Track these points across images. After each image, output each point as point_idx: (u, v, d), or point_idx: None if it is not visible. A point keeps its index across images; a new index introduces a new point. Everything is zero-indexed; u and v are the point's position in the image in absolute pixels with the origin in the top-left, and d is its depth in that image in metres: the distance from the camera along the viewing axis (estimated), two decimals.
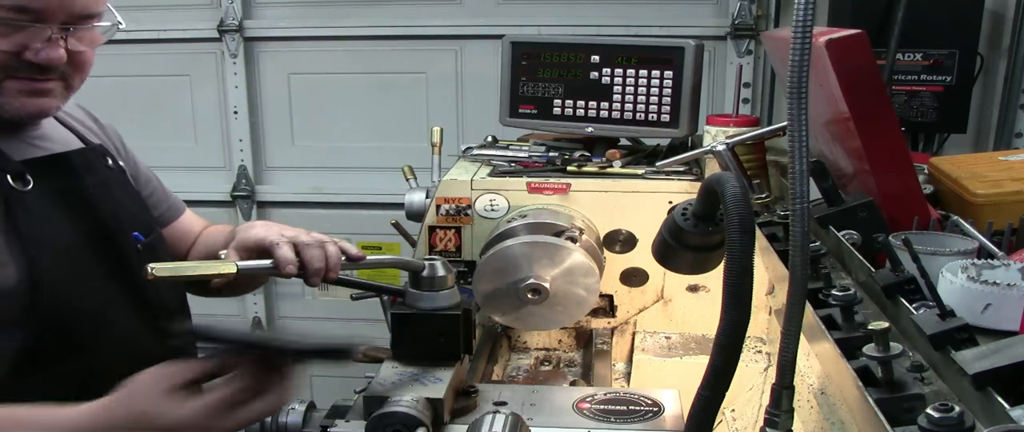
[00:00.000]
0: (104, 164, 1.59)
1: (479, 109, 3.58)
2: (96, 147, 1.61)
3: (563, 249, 1.88)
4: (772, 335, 2.04)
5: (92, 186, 1.51)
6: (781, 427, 1.10)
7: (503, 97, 2.47)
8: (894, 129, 1.60)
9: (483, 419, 1.28)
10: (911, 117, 2.92)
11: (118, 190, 1.59)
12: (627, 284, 2.24)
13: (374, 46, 3.68)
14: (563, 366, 2.20)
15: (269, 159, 3.91)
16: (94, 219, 1.47)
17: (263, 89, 3.81)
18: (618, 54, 2.35)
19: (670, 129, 2.35)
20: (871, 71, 1.57)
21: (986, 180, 1.69)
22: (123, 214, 1.55)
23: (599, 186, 2.19)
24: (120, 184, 1.62)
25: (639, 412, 1.47)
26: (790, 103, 0.98)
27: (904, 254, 1.20)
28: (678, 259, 1.46)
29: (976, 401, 0.92)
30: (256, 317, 4.07)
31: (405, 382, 1.44)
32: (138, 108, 3.84)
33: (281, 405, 1.34)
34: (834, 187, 1.60)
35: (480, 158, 2.41)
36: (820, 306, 1.26)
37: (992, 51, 3.21)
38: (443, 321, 1.51)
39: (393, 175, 2.79)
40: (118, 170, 1.63)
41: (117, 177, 1.62)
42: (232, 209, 3.94)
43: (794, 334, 1.04)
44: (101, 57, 1.59)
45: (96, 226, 1.47)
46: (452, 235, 2.24)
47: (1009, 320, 1.10)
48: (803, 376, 1.45)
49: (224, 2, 3.66)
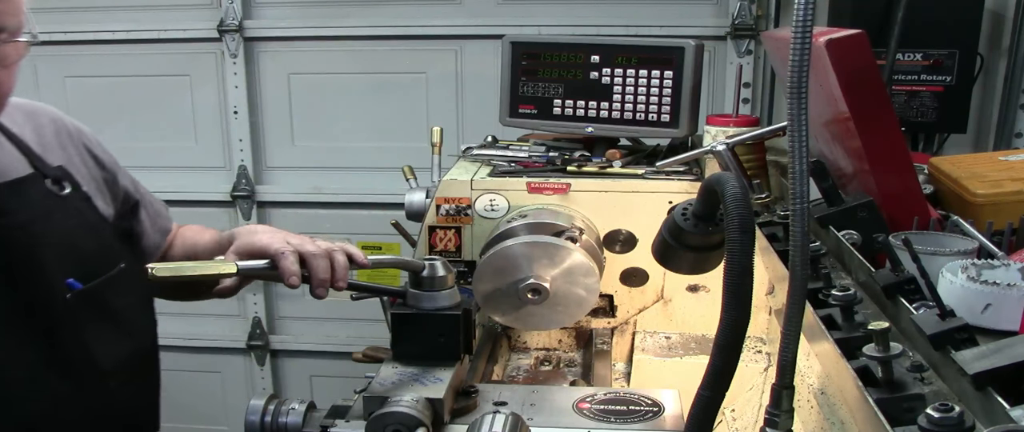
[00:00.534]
0: (51, 193, 1.42)
1: (479, 109, 3.58)
2: (52, 171, 1.45)
3: (563, 249, 1.88)
4: (772, 335, 2.04)
5: (14, 224, 1.34)
6: (781, 427, 1.10)
7: (503, 97, 2.47)
8: (894, 129, 1.60)
9: (483, 419, 1.28)
10: (911, 117, 2.92)
11: (66, 220, 1.42)
12: (627, 284, 2.24)
13: (374, 46, 3.68)
14: (563, 366, 2.20)
15: (269, 159, 3.91)
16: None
17: (263, 89, 3.80)
18: (618, 54, 2.35)
19: (670, 129, 2.35)
20: (871, 71, 1.57)
21: (986, 180, 1.69)
22: (56, 254, 1.38)
23: (599, 186, 2.19)
24: (73, 214, 1.45)
25: (639, 412, 1.47)
26: (790, 103, 0.98)
27: (904, 254, 1.20)
28: (678, 259, 1.46)
29: (976, 401, 0.92)
30: (256, 317, 4.07)
31: (405, 382, 1.44)
32: (138, 108, 3.85)
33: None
34: (834, 187, 1.60)
35: (480, 158, 2.41)
36: (820, 306, 1.26)
37: (992, 51, 3.21)
38: (443, 321, 1.51)
39: (393, 175, 2.79)
40: (76, 197, 1.47)
41: (69, 206, 1.45)
42: (232, 209, 3.94)
43: (794, 334, 1.04)
44: (101, 57, 1.59)
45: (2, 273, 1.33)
46: (452, 235, 2.24)
47: (1009, 320, 1.10)
48: (803, 376, 1.45)
49: (224, 2, 3.66)
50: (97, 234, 1.48)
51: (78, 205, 1.47)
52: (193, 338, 3.99)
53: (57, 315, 1.37)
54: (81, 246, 1.43)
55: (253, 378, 4.18)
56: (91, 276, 1.42)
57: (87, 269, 1.42)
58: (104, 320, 1.45)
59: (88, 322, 1.41)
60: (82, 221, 1.46)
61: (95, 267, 1.44)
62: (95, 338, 1.42)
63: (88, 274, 1.41)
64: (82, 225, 1.45)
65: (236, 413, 2.47)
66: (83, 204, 1.49)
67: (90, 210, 1.50)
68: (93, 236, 1.47)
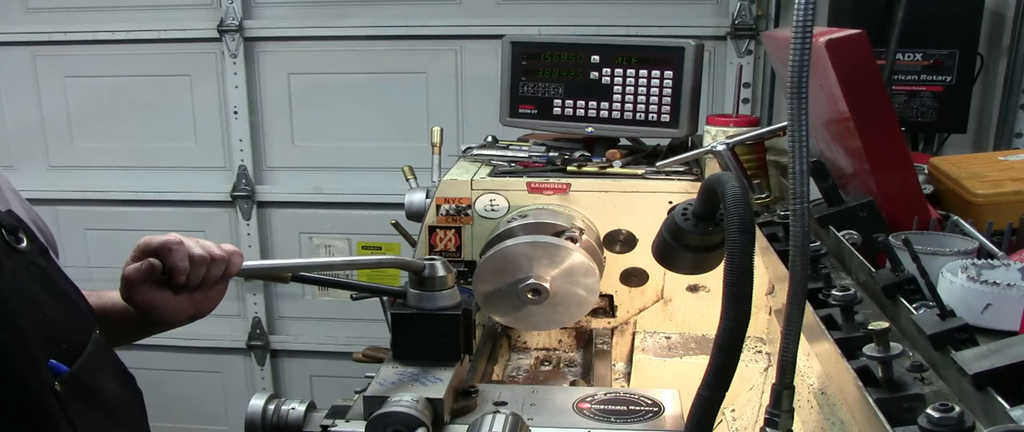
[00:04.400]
0: (9, 247, 1.11)
1: (479, 109, 3.58)
2: (4, 219, 1.13)
3: (563, 249, 1.88)
4: (772, 335, 2.04)
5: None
6: (781, 427, 1.10)
7: (503, 97, 2.47)
8: (894, 129, 1.60)
9: (483, 419, 1.28)
10: (911, 117, 2.92)
11: (33, 285, 1.12)
12: (627, 284, 2.24)
13: (374, 46, 3.68)
14: (563, 366, 2.20)
15: (269, 159, 3.91)
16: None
17: (263, 89, 3.81)
18: (618, 54, 2.35)
19: (670, 129, 2.35)
20: (871, 71, 1.57)
21: (986, 180, 1.69)
22: (33, 330, 1.08)
23: (599, 186, 2.19)
24: (38, 275, 1.14)
25: (639, 412, 1.47)
26: (790, 103, 0.98)
27: (904, 254, 1.20)
28: (678, 259, 1.47)
29: (976, 401, 0.92)
30: (256, 317, 4.07)
31: (405, 382, 1.44)
32: (138, 108, 3.85)
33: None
34: (834, 187, 1.60)
35: (480, 158, 2.41)
36: (820, 306, 1.26)
37: (992, 51, 3.21)
38: (443, 321, 1.51)
39: (393, 175, 2.79)
40: (34, 251, 1.16)
41: (31, 264, 1.14)
42: (232, 209, 3.94)
43: (794, 334, 1.04)
44: (101, 57, 1.56)
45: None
46: (452, 235, 2.24)
47: (1009, 320, 1.10)
48: (803, 376, 1.45)
49: (224, 2, 3.66)
50: (65, 298, 1.20)
51: (38, 262, 1.17)
52: (193, 338, 3.99)
53: (50, 413, 1.08)
54: (53, 317, 1.14)
55: (253, 378, 4.18)
56: (71, 354, 1.13)
57: (64, 346, 1.13)
58: (96, 411, 1.18)
59: (82, 417, 1.13)
60: (48, 284, 1.16)
61: (72, 343, 1.15)
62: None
63: (66, 352, 1.12)
64: (48, 290, 1.16)
65: (236, 413, 2.48)
66: (43, 260, 1.19)
67: (51, 267, 1.21)
68: (62, 301, 1.18)
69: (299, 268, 1.52)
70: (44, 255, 1.20)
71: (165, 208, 3.96)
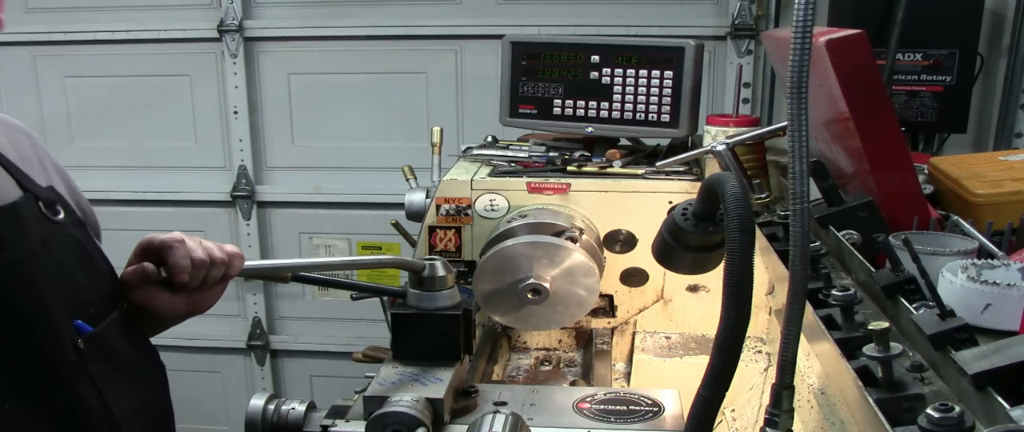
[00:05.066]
0: (45, 218, 1.20)
1: (479, 109, 3.58)
2: (43, 193, 1.24)
3: (563, 249, 1.88)
4: (772, 335, 2.04)
5: (14, 260, 1.12)
6: (781, 427, 1.10)
7: (503, 97, 2.47)
8: (894, 129, 1.60)
9: (483, 419, 1.28)
10: (911, 117, 2.92)
11: (65, 254, 1.22)
12: (627, 284, 2.24)
13: (374, 46, 3.68)
14: (563, 366, 2.20)
15: (269, 159, 3.91)
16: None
17: (263, 89, 3.81)
18: (618, 54, 2.35)
19: (670, 129, 2.35)
20: (871, 71, 1.57)
21: (986, 180, 1.69)
22: (59, 294, 1.17)
23: (599, 186, 2.19)
24: (71, 245, 1.24)
25: (639, 412, 1.47)
26: (790, 103, 0.98)
27: (904, 254, 1.20)
28: (678, 259, 1.47)
29: (976, 401, 0.92)
30: (256, 317, 4.07)
31: (405, 382, 1.44)
32: (138, 108, 3.85)
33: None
34: (834, 187, 1.60)
35: (480, 158, 2.41)
36: (820, 306, 1.26)
37: (992, 51, 3.21)
38: (443, 321, 1.51)
39: (393, 175, 2.79)
40: (70, 222, 1.26)
41: (65, 235, 1.23)
42: (232, 209, 3.94)
43: (794, 334, 1.04)
44: (101, 57, 1.55)
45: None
46: (452, 235, 2.24)
47: (1009, 320, 1.10)
48: (803, 376, 1.45)
49: (224, 2, 3.66)
50: (96, 268, 1.29)
51: (73, 233, 1.26)
52: (193, 338, 3.99)
53: (70, 367, 1.17)
54: (82, 284, 1.24)
55: (253, 378, 4.18)
56: (96, 319, 1.23)
57: (90, 311, 1.23)
58: (114, 369, 1.27)
59: (102, 373, 1.23)
60: (80, 254, 1.26)
61: (98, 308, 1.25)
62: (110, 391, 1.23)
63: (92, 317, 1.22)
64: (80, 259, 1.25)
65: (236, 413, 2.48)
66: (79, 232, 1.28)
67: (87, 239, 1.30)
68: (92, 271, 1.28)
69: (299, 268, 1.52)
70: (80, 227, 1.29)
71: (165, 208, 3.96)
